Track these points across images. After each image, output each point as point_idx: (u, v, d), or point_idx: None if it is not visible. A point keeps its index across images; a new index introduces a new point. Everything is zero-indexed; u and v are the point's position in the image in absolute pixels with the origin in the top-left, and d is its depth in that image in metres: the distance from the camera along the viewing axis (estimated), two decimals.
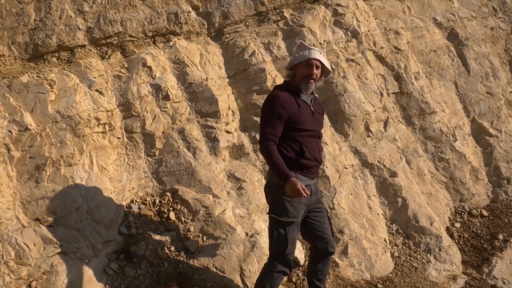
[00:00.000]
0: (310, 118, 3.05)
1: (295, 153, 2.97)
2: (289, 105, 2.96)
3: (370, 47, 5.08)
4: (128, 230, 3.51)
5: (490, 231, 4.75)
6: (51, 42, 3.84)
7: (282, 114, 2.93)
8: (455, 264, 4.34)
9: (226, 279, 3.42)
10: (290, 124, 2.96)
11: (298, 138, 2.97)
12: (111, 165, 3.67)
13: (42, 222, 3.18)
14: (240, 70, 4.49)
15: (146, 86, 4.01)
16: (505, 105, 5.78)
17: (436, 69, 5.57)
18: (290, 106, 2.96)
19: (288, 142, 2.97)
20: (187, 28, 4.47)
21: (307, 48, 3.04)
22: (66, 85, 3.65)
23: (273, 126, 2.92)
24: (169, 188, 3.84)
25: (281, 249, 2.98)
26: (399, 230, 4.46)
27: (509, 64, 6.14)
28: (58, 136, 3.45)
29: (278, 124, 2.93)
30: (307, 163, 3.00)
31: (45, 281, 2.99)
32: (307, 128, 3.01)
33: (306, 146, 2.99)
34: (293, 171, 2.93)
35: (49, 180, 3.32)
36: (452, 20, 5.90)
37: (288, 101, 2.97)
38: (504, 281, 4.36)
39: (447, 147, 5.10)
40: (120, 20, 4.14)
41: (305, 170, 3.00)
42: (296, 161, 2.97)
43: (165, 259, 3.43)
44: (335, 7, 5.07)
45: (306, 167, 3.00)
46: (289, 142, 2.97)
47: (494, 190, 5.25)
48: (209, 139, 4.09)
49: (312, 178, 3.07)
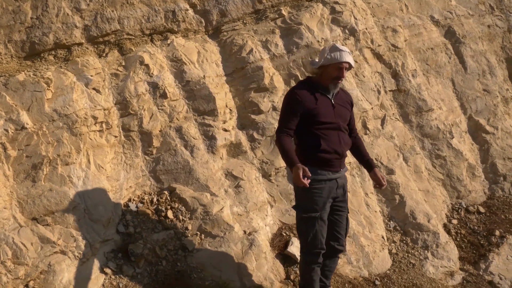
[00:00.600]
0: (330, 111, 3.08)
1: (313, 147, 3.03)
2: (306, 99, 3.03)
3: (367, 45, 5.08)
4: (126, 229, 3.51)
5: (486, 227, 4.77)
6: (48, 40, 3.82)
7: (297, 108, 3.02)
8: (452, 261, 4.36)
9: (224, 277, 3.42)
10: (308, 118, 3.03)
11: (316, 132, 3.03)
12: (108, 164, 3.66)
13: (39, 221, 3.17)
14: (238, 68, 4.48)
15: (144, 84, 4.00)
16: (501, 103, 5.80)
17: (433, 67, 5.57)
18: (306, 101, 3.02)
19: (306, 137, 3.06)
20: (184, 26, 4.46)
21: (339, 50, 3.06)
22: (63, 83, 3.63)
23: (287, 120, 3.03)
24: (166, 187, 3.84)
25: (305, 241, 3.10)
26: (396, 227, 4.47)
27: (505, 61, 6.15)
28: (55, 135, 3.43)
29: (292, 118, 3.02)
30: (325, 156, 3.03)
31: (43, 280, 2.99)
32: (325, 121, 3.04)
33: (325, 139, 3.03)
34: (311, 166, 2.97)
35: (46, 179, 3.31)
36: (449, 18, 5.91)
37: (304, 96, 3.04)
38: (501, 276, 4.39)
39: (444, 145, 5.11)
40: (117, 18, 4.12)
41: (324, 164, 3.04)
42: (314, 155, 3.02)
43: (163, 258, 3.43)
44: (333, 5, 5.06)
45: (324, 161, 3.04)
46: (307, 137, 3.06)
47: (490, 187, 5.27)
48: (207, 137, 4.09)
49: (334, 172, 3.09)
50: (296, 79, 4.59)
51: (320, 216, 3.06)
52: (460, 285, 4.25)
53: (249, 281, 3.45)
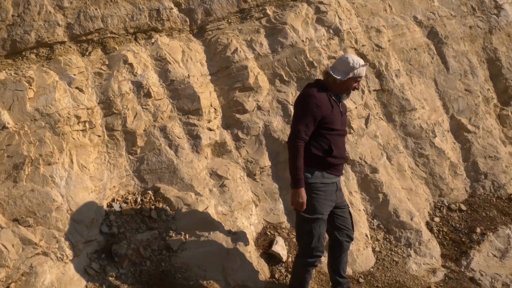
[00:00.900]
0: (339, 118, 3.22)
1: (324, 151, 3.13)
2: (324, 105, 3.11)
3: (352, 45, 5.12)
4: (110, 229, 3.48)
5: (468, 225, 4.85)
6: (29, 38, 3.77)
7: (317, 114, 3.08)
8: (434, 258, 4.43)
9: (209, 276, 3.42)
10: (322, 124, 3.11)
11: (328, 137, 3.14)
12: (91, 164, 3.63)
13: (21, 222, 3.13)
14: (223, 67, 4.48)
15: (127, 84, 3.98)
16: (482, 102, 5.89)
17: (416, 67, 5.64)
18: (325, 107, 3.11)
19: (318, 141, 3.12)
20: (169, 24, 4.44)
21: (364, 66, 3.21)
22: (45, 82, 3.59)
23: (306, 125, 3.06)
24: (151, 186, 3.82)
25: (307, 243, 3.18)
26: (380, 226, 4.52)
27: (486, 62, 6.25)
28: (37, 135, 3.39)
29: (311, 123, 3.07)
30: (334, 161, 3.17)
31: (24, 282, 2.95)
32: (337, 128, 3.18)
33: (335, 145, 3.15)
34: (319, 169, 3.11)
35: (28, 179, 3.27)
36: (432, 19, 5.98)
37: (323, 102, 3.12)
38: (482, 273, 4.47)
39: (426, 143, 5.18)
40: (100, 16, 4.08)
41: (331, 168, 3.17)
42: (324, 159, 3.13)
43: (147, 258, 3.42)
44: (318, 5, 5.08)
45: (332, 165, 3.17)
46: (319, 141, 3.12)
47: (472, 185, 5.36)
48: (191, 137, 4.08)
49: (337, 176, 3.25)
50: (281, 79, 4.61)
51: (323, 219, 3.18)
52: (442, 282, 4.31)
53: (233, 281, 3.46)
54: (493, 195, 5.30)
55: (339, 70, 3.20)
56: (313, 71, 4.69)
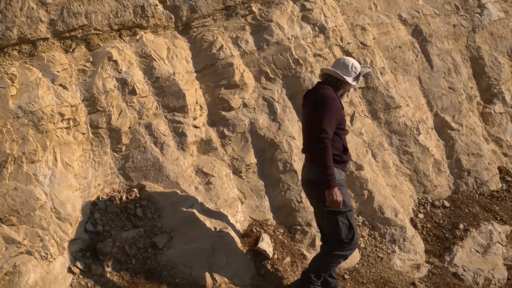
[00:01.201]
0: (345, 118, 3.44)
1: (340, 150, 3.31)
2: (340, 107, 3.31)
3: (337, 43, 5.15)
4: (94, 227, 3.46)
5: (451, 221, 4.93)
6: (11, 35, 3.71)
7: (339, 117, 3.27)
8: (418, 254, 4.48)
9: (195, 274, 3.42)
10: (338, 124, 3.27)
11: (341, 137, 3.33)
12: (76, 162, 3.59)
13: (4, 221, 3.09)
14: (208, 64, 4.47)
15: (112, 81, 3.94)
16: (466, 100, 5.98)
17: (401, 65, 5.70)
18: (340, 109, 3.31)
19: (334, 140, 3.25)
20: (154, 21, 4.41)
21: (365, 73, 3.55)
22: (28, 79, 3.54)
23: (331, 127, 3.20)
24: (136, 184, 3.80)
25: (350, 237, 3.29)
26: (365, 222, 4.57)
27: (470, 60, 6.35)
28: (19, 132, 3.35)
29: (334, 124, 3.23)
30: (346, 159, 3.38)
31: (8, 282, 2.92)
32: (344, 128, 3.39)
33: (345, 144, 3.38)
34: (337, 167, 3.25)
35: (11, 177, 3.23)
36: (417, 17, 6.05)
37: (340, 104, 3.32)
38: (465, 268, 4.55)
39: (411, 141, 5.24)
40: (84, 13, 4.04)
41: (343, 165, 3.36)
42: (340, 157, 3.30)
43: (132, 256, 3.40)
44: (303, 2, 5.10)
45: (344, 162, 3.38)
46: (335, 140, 3.26)
47: (455, 181, 5.44)
48: (177, 134, 4.07)
49: (345, 172, 3.47)
50: (267, 76, 4.62)
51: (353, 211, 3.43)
52: (426, 277, 4.38)
53: (220, 278, 3.47)
54: (476, 192, 5.39)
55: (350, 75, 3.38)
56: (298, 68, 4.71)
